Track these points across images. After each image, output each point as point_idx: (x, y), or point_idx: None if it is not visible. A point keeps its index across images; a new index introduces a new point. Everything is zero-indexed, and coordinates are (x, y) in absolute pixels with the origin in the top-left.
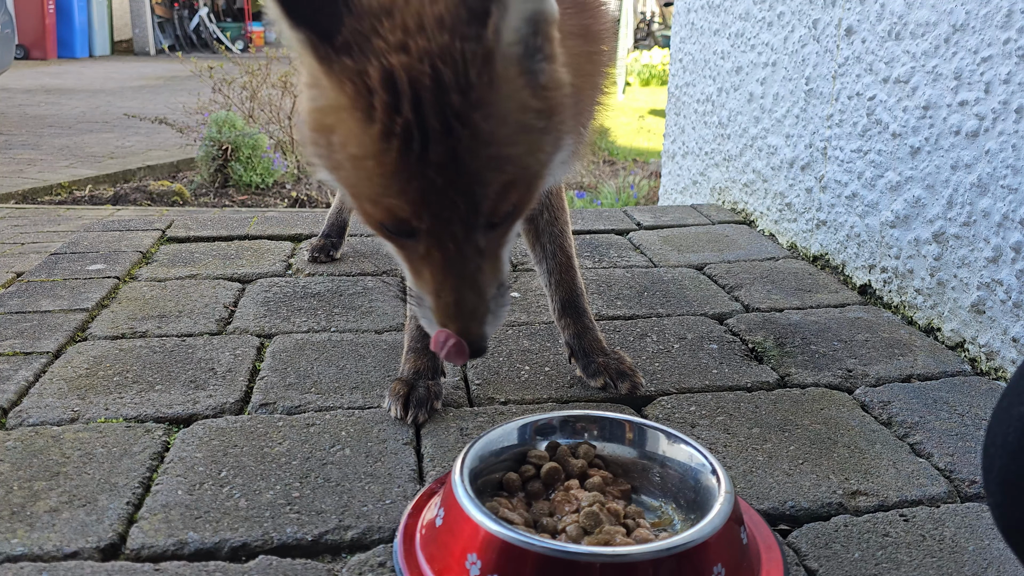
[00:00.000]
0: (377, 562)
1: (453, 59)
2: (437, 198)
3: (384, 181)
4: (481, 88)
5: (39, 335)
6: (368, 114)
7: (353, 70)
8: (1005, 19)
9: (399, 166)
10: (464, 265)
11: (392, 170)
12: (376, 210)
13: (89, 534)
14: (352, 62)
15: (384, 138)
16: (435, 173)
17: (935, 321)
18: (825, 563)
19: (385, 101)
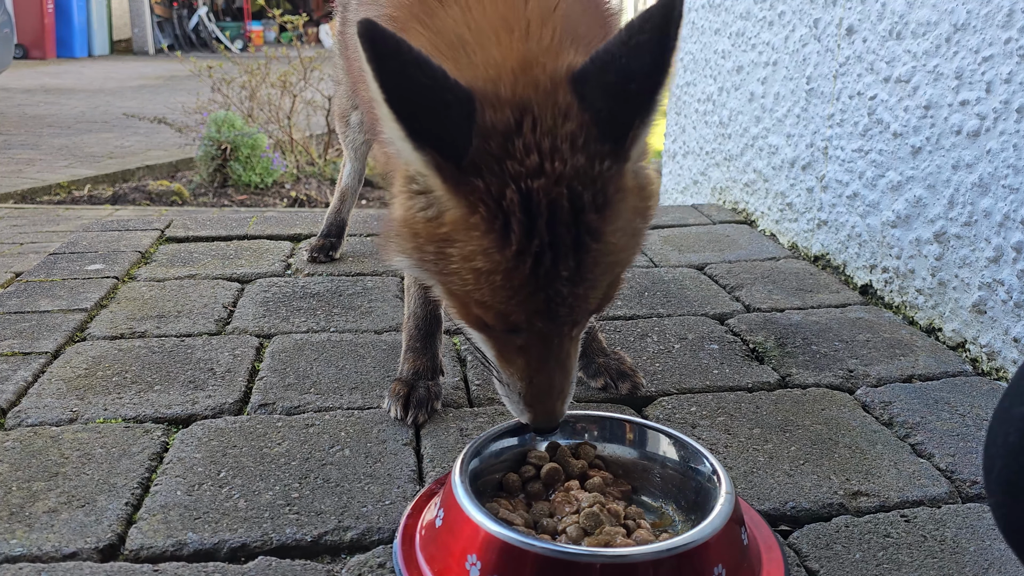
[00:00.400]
0: (377, 563)
1: (591, 180)
2: (556, 306)
3: (508, 294)
4: (615, 204)
5: (38, 335)
6: (503, 235)
7: (485, 192)
8: (1006, 18)
9: (527, 281)
10: (559, 355)
11: (519, 284)
12: (487, 314)
13: (88, 535)
14: (483, 184)
15: (517, 257)
16: (561, 285)
17: (936, 321)
18: (826, 564)
19: (522, 224)
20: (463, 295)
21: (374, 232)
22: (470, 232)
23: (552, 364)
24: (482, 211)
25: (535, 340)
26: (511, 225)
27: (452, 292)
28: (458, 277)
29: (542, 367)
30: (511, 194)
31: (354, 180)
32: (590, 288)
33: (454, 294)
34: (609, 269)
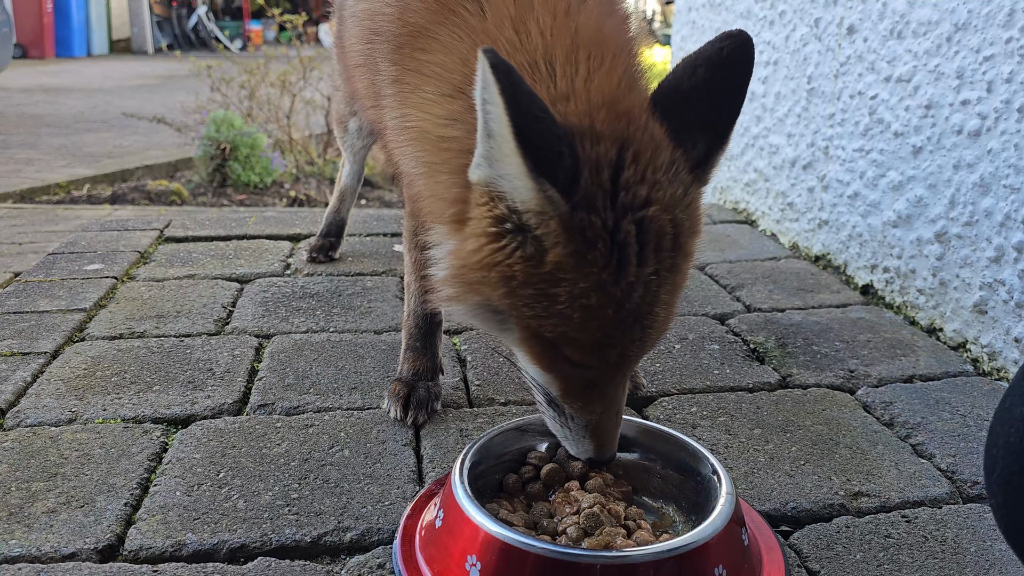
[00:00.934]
0: (376, 563)
1: (687, 207)
2: (649, 332)
3: (614, 326)
4: (701, 228)
5: (37, 335)
6: (620, 268)
7: (601, 226)
8: (1007, 18)
9: (634, 311)
10: (621, 391)
11: (626, 315)
12: (580, 352)
13: (87, 535)
14: (598, 218)
15: (630, 288)
16: (659, 310)
17: (937, 321)
18: (827, 564)
19: (638, 255)
20: (556, 336)
21: (374, 232)
22: (584, 268)
23: (613, 396)
24: (600, 246)
25: (609, 373)
26: (628, 257)
27: (536, 334)
28: (560, 318)
29: (613, 400)
30: (627, 226)
31: (353, 180)
32: (673, 312)
33: (539, 336)
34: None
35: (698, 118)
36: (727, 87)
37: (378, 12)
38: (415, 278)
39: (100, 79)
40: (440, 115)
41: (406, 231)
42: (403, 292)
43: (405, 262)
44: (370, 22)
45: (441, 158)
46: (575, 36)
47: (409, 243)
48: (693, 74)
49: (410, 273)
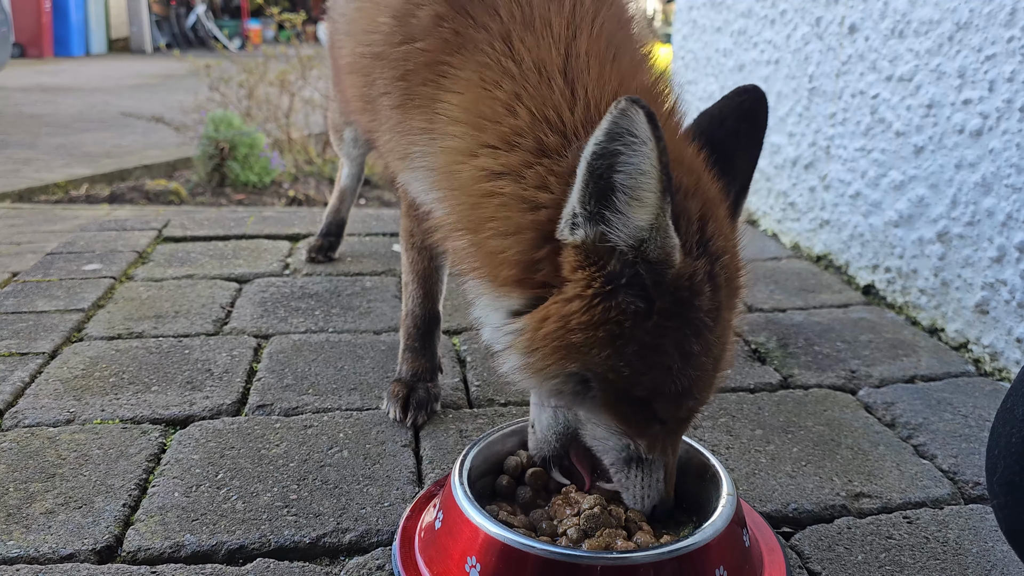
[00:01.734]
0: (376, 565)
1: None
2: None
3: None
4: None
5: (35, 335)
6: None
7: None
8: (1009, 17)
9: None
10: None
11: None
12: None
13: (85, 536)
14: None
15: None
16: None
17: (939, 321)
18: (828, 566)
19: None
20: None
21: (373, 232)
22: (689, 314)
23: (677, 443)
24: (705, 290)
25: (676, 424)
26: (719, 300)
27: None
28: (661, 370)
29: (670, 445)
30: (718, 270)
31: (352, 181)
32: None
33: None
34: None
35: (731, 168)
36: (750, 138)
37: (372, 30)
38: (413, 278)
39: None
40: (484, 167)
41: (403, 231)
42: (402, 292)
43: (403, 262)
44: (364, 34)
45: (495, 214)
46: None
47: (406, 243)
48: (721, 126)
49: (408, 273)
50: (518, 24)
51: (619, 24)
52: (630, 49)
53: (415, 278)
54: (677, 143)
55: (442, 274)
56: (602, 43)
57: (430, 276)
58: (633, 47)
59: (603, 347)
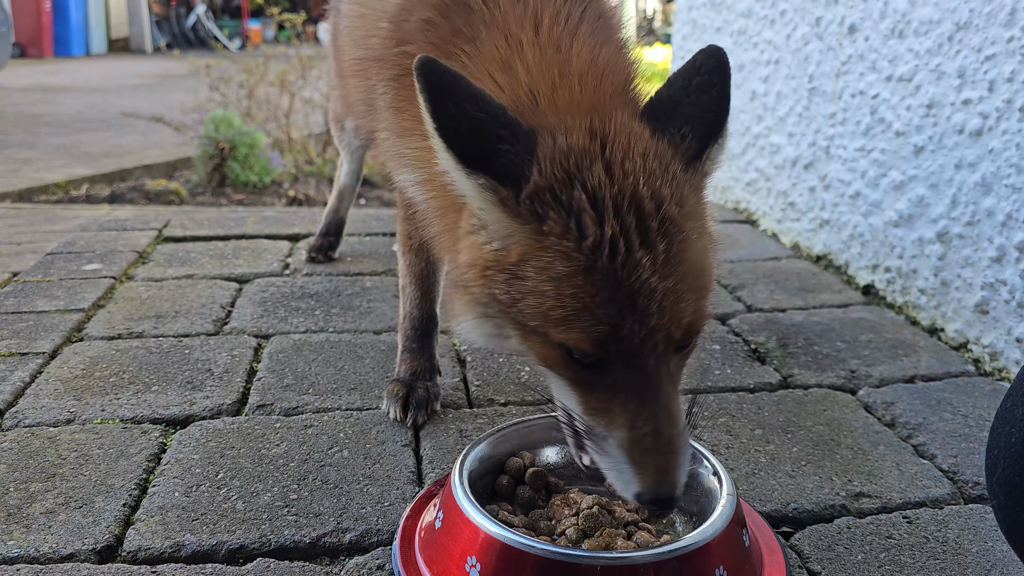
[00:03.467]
0: (376, 565)
1: (668, 180)
2: (646, 302)
3: (591, 292)
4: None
5: (35, 335)
6: (578, 231)
7: (553, 202)
8: (1009, 17)
9: (608, 273)
10: (659, 393)
11: (601, 278)
12: (572, 333)
13: (86, 536)
14: (550, 197)
15: (595, 249)
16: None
17: (939, 321)
18: (828, 565)
19: (593, 217)
20: (543, 321)
21: (373, 232)
22: (543, 243)
23: (654, 403)
24: (552, 216)
25: (628, 373)
26: (583, 220)
27: (530, 326)
28: (534, 297)
29: (642, 407)
30: (578, 194)
31: (352, 179)
32: (680, 285)
33: (532, 330)
34: (695, 275)
35: (684, 116)
36: (708, 89)
37: (371, 34)
38: (410, 280)
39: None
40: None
41: (400, 235)
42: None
43: (400, 265)
44: (364, 39)
45: (450, 202)
46: (563, 67)
47: (404, 246)
48: (671, 85)
49: (405, 276)
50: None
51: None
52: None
53: (412, 280)
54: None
55: (438, 276)
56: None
57: (427, 278)
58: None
59: (478, 284)
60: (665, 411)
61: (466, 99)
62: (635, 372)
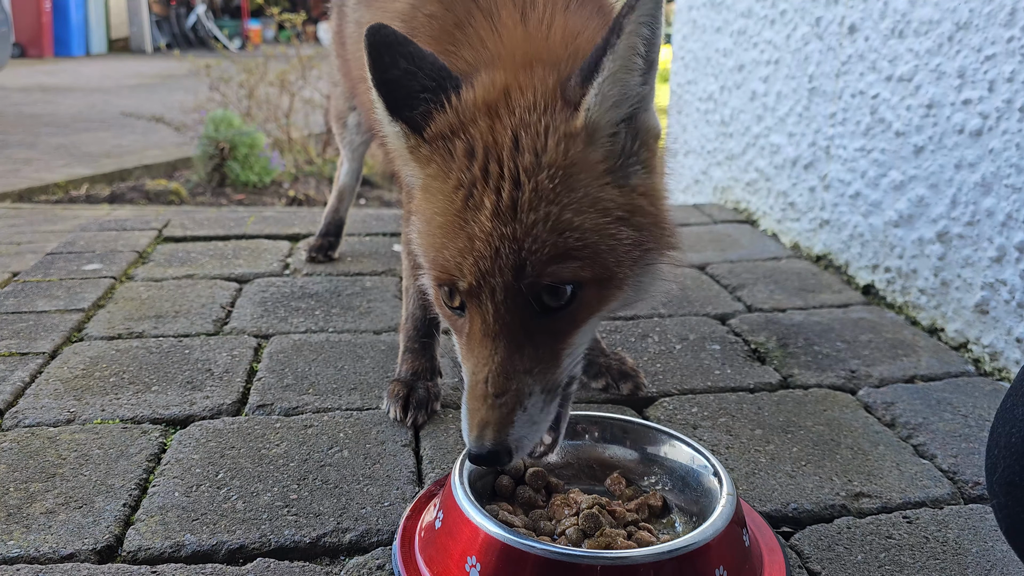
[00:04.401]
0: (376, 564)
1: (537, 131)
2: (481, 245)
3: (443, 231)
4: (556, 154)
5: (35, 335)
6: (447, 173)
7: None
8: (1009, 17)
9: (458, 214)
10: (497, 342)
11: (451, 219)
12: (434, 268)
13: (86, 536)
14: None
15: (455, 191)
16: (487, 219)
17: (939, 321)
18: (828, 565)
19: (463, 165)
20: (425, 257)
21: (373, 232)
22: (426, 186)
23: (490, 353)
24: (436, 161)
25: (474, 319)
26: (453, 166)
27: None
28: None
29: (482, 355)
30: (459, 142)
31: (352, 179)
32: (520, 231)
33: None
34: (553, 226)
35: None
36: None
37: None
38: (413, 281)
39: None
40: None
41: (405, 235)
42: (402, 293)
43: (403, 265)
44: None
45: None
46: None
47: (407, 247)
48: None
49: (408, 277)
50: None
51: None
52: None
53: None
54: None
55: None
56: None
57: None
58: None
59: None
60: (499, 363)
61: (402, 55)
62: (479, 319)
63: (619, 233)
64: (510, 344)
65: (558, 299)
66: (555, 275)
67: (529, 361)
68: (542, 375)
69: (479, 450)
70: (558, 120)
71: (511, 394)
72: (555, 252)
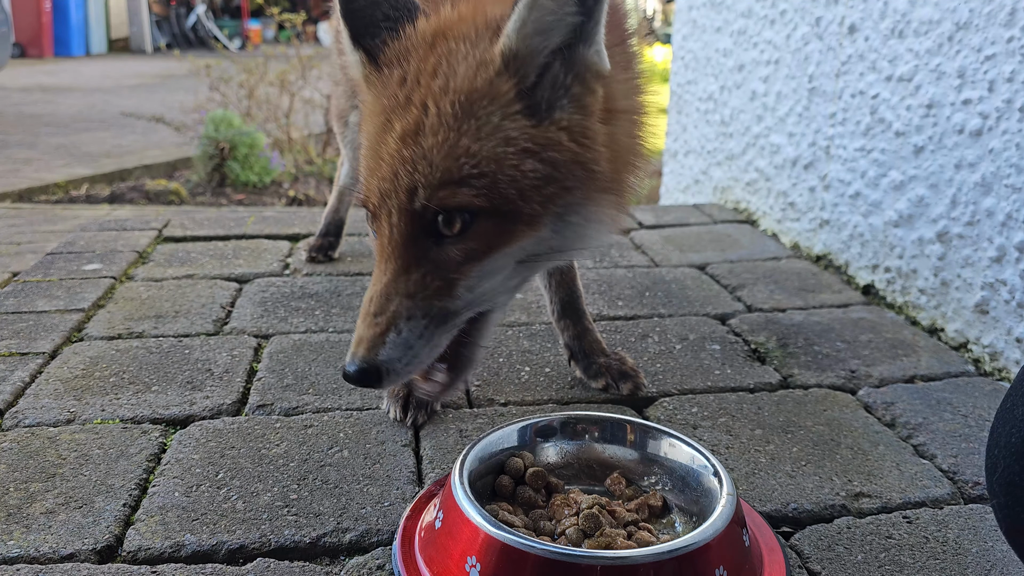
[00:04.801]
0: (376, 564)
1: (456, 58)
2: (389, 167)
3: (367, 155)
4: (467, 81)
5: (35, 335)
6: (378, 100)
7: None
8: (1008, 17)
9: (374, 135)
10: (388, 263)
11: (373, 141)
12: (359, 191)
13: (86, 536)
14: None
15: (380, 115)
16: (393, 140)
17: (939, 321)
18: (828, 565)
19: (394, 89)
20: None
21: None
22: (367, 109)
23: (380, 272)
24: (377, 86)
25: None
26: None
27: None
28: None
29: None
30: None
31: (352, 179)
32: (417, 155)
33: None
34: (444, 147)
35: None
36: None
37: None
38: None
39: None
40: None
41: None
42: None
43: None
44: None
45: None
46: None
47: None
48: None
49: None
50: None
51: None
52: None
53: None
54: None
55: None
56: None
57: None
58: None
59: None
60: (384, 285)
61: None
62: (379, 241)
63: (524, 165)
64: (399, 267)
65: (451, 227)
66: (445, 201)
67: (414, 286)
68: (427, 301)
69: (349, 366)
70: (480, 48)
71: (387, 315)
72: (447, 178)
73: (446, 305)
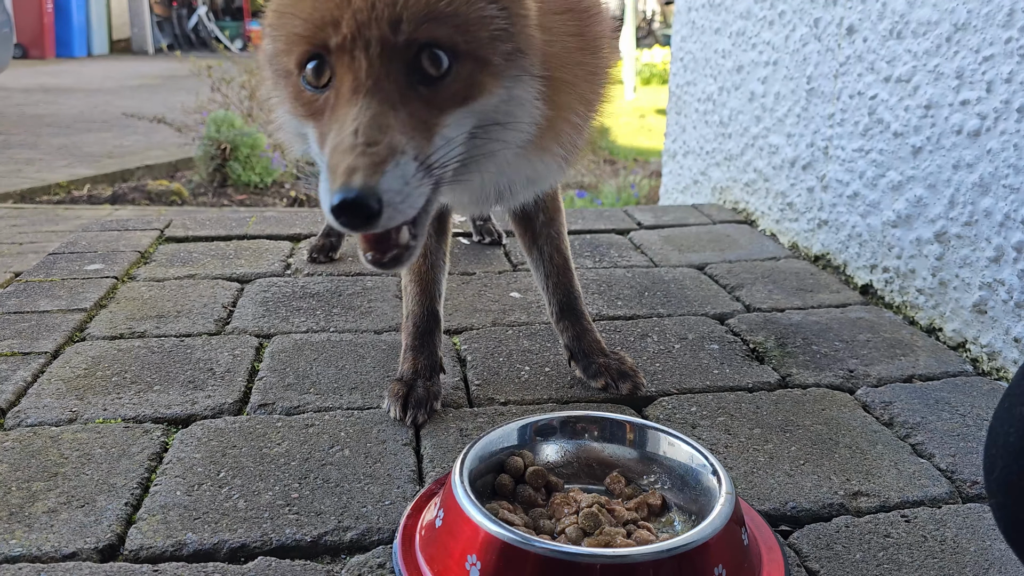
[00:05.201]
0: (376, 563)
1: None
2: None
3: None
4: None
5: (37, 335)
6: None
7: None
8: (1007, 18)
9: None
10: (372, 98)
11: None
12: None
13: (88, 535)
14: None
15: None
16: None
17: (937, 321)
18: (826, 564)
19: None
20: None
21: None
22: None
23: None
24: None
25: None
26: None
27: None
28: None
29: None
30: None
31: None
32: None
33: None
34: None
35: None
36: None
37: None
38: (411, 279)
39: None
40: None
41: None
42: (402, 292)
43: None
44: None
45: None
46: None
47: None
48: None
49: (406, 275)
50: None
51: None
52: None
53: (413, 278)
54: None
55: (439, 275)
56: None
57: (428, 276)
58: None
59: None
60: (373, 116)
61: None
62: (350, 76)
63: (487, 12)
64: (384, 100)
65: (437, 67)
66: (432, 33)
67: (403, 124)
68: (415, 142)
69: (346, 193)
70: None
71: (384, 145)
72: (429, 12)
73: (429, 151)
